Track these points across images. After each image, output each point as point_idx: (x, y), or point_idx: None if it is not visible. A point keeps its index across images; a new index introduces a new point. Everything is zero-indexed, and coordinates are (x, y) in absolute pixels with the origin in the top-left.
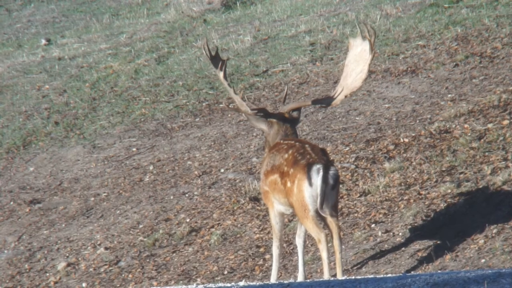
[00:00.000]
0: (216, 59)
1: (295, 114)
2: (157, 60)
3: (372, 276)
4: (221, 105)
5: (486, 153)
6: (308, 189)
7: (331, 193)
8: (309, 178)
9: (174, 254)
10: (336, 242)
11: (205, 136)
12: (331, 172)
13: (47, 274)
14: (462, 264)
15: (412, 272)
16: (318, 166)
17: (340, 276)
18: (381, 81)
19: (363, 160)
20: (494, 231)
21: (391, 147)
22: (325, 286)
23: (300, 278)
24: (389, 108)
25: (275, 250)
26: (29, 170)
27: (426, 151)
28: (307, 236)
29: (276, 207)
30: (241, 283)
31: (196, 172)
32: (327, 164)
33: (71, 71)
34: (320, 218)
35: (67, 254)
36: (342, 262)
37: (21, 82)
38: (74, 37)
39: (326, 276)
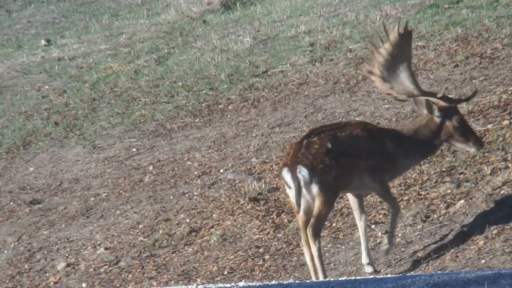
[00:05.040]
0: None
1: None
2: (156, 60)
3: (372, 276)
4: (220, 106)
5: (486, 154)
6: (289, 191)
7: (308, 189)
8: (285, 182)
9: (174, 254)
10: (309, 249)
11: (205, 136)
12: (300, 173)
13: (47, 274)
14: (462, 265)
15: (412, 273)
16: (286, 168)
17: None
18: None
19: None
20: (494, 231)
21: None
22: (325, 286)
23: (313, 277)
24: (389, 108)
25: None
26: (29, 170)
27: None
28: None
29: None
30: (241, 284)
31: (195, 173)
32: (293, 165)
33: (71, 71)
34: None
35: (67, 254)
36: (322, 267)
37: (21, 83)
38: (74, 38)
39: (313, 278)
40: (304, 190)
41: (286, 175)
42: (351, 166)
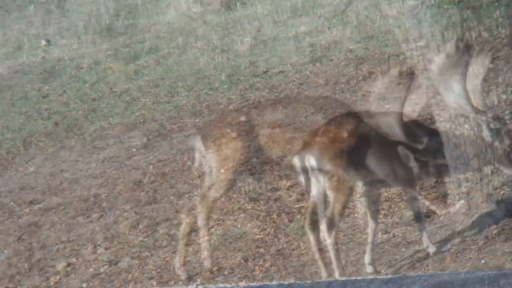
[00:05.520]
0: None
1: None
2: (156, 60)
3: (372, 276)
4: (220, 106)
5: None
6: (300, 179)
7: (318, 176)
8: (296, 170)
9: (174, 254)
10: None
11: (205, 136)
12: (308, 161)
13: (47, 274)
14: (462, 265)
15: (412, 273)
16: (297, 156)
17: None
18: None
19: None
20: (494, 231)
21: None
22: (326, 286)
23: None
24: (389, 108)
25: None
26: (29, 170)
27: None
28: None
29: None
30: (241, 284)
31: (195, 173)
32: (302, 153)
33: (71, 71)
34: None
35: (67, 254)
36: (338, 263)
37: (21, 83)
38: (74, 38)
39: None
40: (313, 179)
41: (296, 163)
42: (371, 155)
